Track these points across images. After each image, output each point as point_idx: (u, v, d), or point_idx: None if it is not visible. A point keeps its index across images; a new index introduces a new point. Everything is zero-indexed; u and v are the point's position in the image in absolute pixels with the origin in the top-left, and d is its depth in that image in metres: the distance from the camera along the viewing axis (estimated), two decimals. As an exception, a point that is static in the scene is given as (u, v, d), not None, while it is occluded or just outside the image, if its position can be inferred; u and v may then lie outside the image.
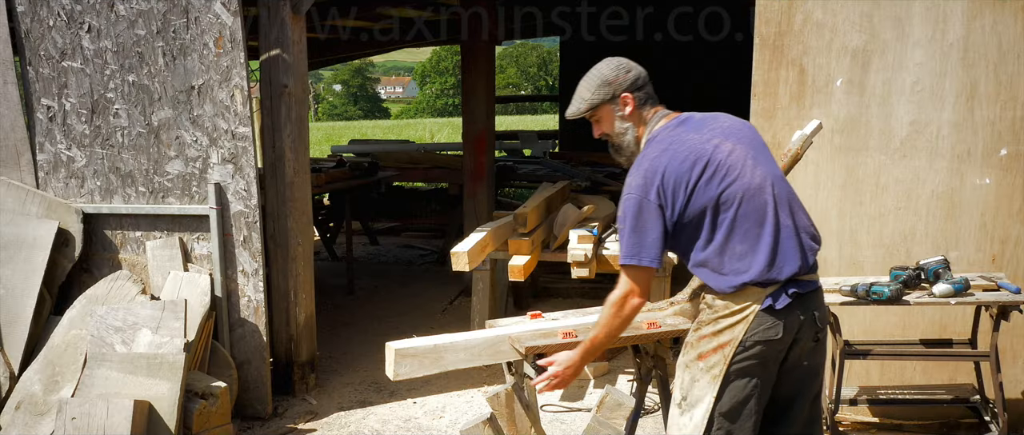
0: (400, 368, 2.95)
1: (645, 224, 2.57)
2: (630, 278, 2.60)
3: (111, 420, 3.73)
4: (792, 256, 2.57)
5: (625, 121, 2.76)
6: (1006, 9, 3.86)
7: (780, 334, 2.56)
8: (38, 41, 4.49)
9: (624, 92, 2.73)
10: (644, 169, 2.59)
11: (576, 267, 4.86)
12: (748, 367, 2.58)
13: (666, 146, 2.61)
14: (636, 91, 2.75)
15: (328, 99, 52.70)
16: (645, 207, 2.56)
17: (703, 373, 2.63)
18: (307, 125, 4.80)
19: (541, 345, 3.16)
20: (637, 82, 2.76)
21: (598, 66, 2.81)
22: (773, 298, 2.55)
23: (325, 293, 7.08)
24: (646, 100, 2.78)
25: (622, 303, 2.61)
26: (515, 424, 3.19)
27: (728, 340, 2.58)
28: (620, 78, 2.75)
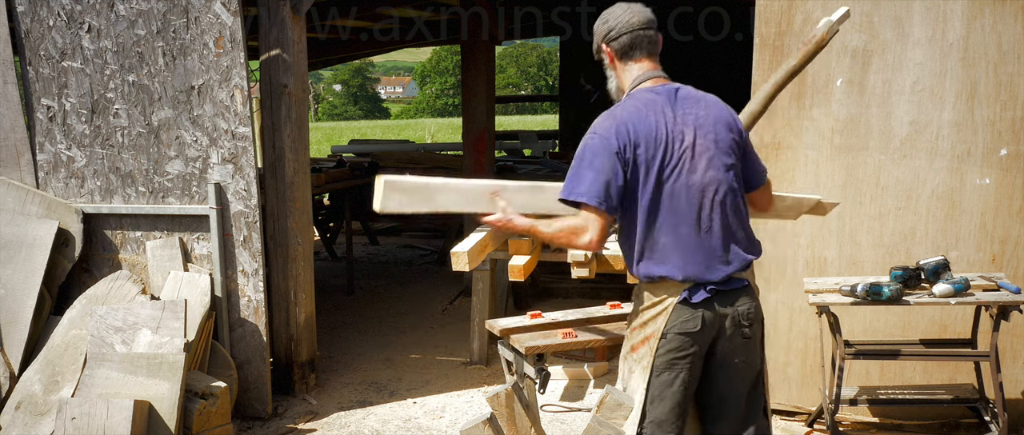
0: (388, 201, 2.70)
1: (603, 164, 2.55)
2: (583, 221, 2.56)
3: (111, 420, 3.73)
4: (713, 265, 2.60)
5: (609, 70, 2.78)
6: (1006, 9, 3.86)
7: (698, 326, 2.60)
8: (38, 41, 4.49)
9: (602, 43, 2.75)
10: (617, 119, 2.58)
11: (576, 267, 4.86)
12: (671, 359, 2.63)
13: (643, 109, 2.60)
14: (612, 42, 2.73)
15: (328, 99, 52.70)
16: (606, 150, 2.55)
17: (635, 364, 2.71)
18: (307, 125, 4.80)
19: (541, 345, 3.16)
20: (611, 33, 2.73)
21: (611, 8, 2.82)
22: (689, 292, 2.59)
23: (325, 293, 7.08)
24: (626, 52, 2.73)
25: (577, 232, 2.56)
26: (515, 424, 3.19)
27: (652, 332, 2.64)
28: (599, 29, 2.76)
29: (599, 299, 5.80)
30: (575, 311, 3.60)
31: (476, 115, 7.24)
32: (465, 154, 7.37)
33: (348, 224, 7.73)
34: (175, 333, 4.08)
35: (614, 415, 3.34)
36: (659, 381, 2.65)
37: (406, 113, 52.49)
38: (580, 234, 2.55)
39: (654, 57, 2.75)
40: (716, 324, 2.63)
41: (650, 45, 2.74)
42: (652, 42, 2.74)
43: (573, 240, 2.57)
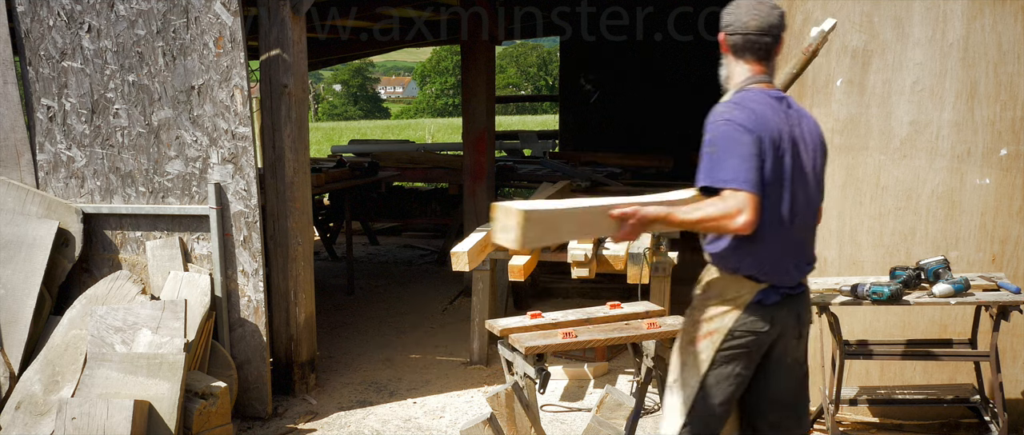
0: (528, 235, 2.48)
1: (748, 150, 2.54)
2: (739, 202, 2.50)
3: (111, 420, 3.73)
4: (792, 272, 2.71)
5: (724, 56, 2.81)
6: (1006, 9, 3.86)
7: (766, 328, 2.69)
8: (38, 41, 4.49)
9: (722, 32, 2.77)
10: (749, 110, 2.60)
11: (576, 267, 4.87)
12: (734, 355, 2.70)
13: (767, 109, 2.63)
14: (731, 35, 2.75)
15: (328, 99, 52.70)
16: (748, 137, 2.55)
17: (693, 357, 2.75)
18: (307, 125, 4.80)
19: (541, 345, 3.16)
20: (732, 27, 2.74)
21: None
22: (764, 295, 2.67)
23: (325, 293, 7.08)
24: (737, 50, 2.75)
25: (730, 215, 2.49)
26: (515, 424, 3.19)
27: (718, 328, 2.70)
28: (724, 17, 2.78)
29: (599, 299, 5.80)
30: (575, 311, 3.60)
31: (476, 115, 7.24)
32: (465, 154, 7.37)
33: (348, 224, 7.73)
34: (175, 333, 4.08)
35: (614, 415, 3.34)
36: (715, 374, 2.71)
37: (406, 113, 52.48)
38: (734, 216, 2.49)
39: (764, 61, 2.75)
40: (779, 326, 2.72)
41: (761, 50, 2.73)
42: (765, 48, 2.73)
43: (725, 223, 2.51)
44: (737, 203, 2.49)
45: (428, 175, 9.76)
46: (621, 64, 10.65)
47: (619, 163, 9.61)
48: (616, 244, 2.70)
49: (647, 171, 9.56)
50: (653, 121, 10.40)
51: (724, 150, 2.55)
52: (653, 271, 4.95)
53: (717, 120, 2.62)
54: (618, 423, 3.34)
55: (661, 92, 10.43)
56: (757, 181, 2.53)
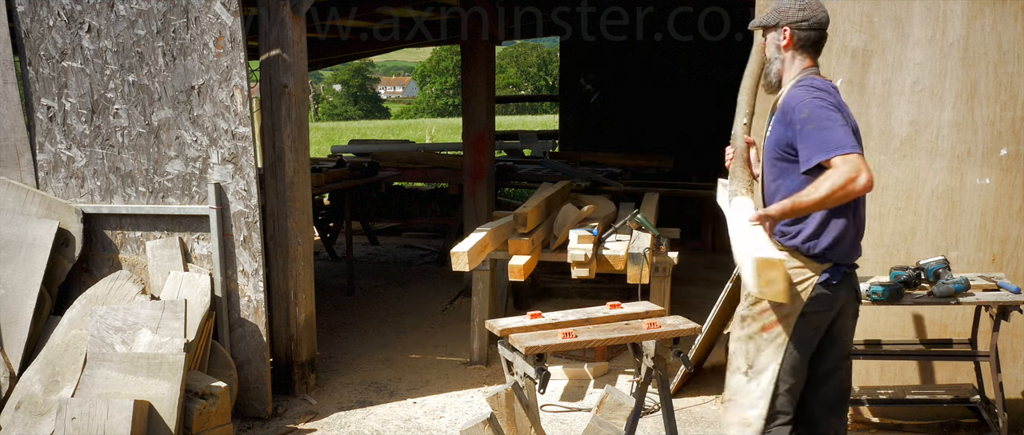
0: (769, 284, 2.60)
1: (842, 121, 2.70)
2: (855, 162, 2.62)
3: (111, 420, 3.73)
4: (857, 248, 2.92)
5: (779, 52, 2.93)
6: (1006, 9, 3.86)
7: (833, 306, 2.87)
8: (38, 41, 4.49)
9: (787, 25, 2.88)
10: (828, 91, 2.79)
11: (576, 267, 4.87)
12: (806, 335, 2.87)
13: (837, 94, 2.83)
14: (799, 29, 2.88)
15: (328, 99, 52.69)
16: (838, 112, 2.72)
17: (768, 343, 2.90)
18: (307, 125, 4.80)
19: (541, 345, 3.16)
20: (803, 24, 2.87)
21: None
22: (830, 274, 2.84)
23: (325, 293, 7.08)
24: (808, 45, 2.90)
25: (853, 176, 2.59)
26: (515, 424, 3.19)
27: (790, 312, 2.85)
28: (791, 12, 2.89)
29: (599, 299, 5.80)
30: (575, 311, 3.60)
31: (476, 115, 7.24)
32: (465, 154, 7.37)
33: (348, 224, 7.73)
34: (175, 333, 4.08)
35: (614, 415, 3.34)
36: (792, 354, 2.88)
37: (406, 113, 52.47)
38: (857, 178, 2.59)
39: (817, 55, 2.94)
40: (841, 302, 2.90)
41: (820, 44, 2.94)
42: (822, 43, 2.95)
43: (851, 187, 2.61)
44: (854, 166, 2.60)
45: (428, 175, 9.76)
46: (621, 64, 10.65)
47: (619, 163, 9.61)
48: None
49: (647, 171, 9.56)
50: (653, 121, 10.41)
51: (824, 123, 2.67)
52: (653, 271, 4.95)
53: (805, 100, 2.74)
54: (618, 423, 3.34)
55: (661, 92, 10.43)
56: (859, 144, 2.71)
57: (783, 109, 2.84)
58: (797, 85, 2.84)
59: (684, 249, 5.39)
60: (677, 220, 6.81)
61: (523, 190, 10.49)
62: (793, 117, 2.75)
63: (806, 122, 2.70)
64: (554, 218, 5.64)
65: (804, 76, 2.87)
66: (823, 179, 2.65)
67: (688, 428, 4.36)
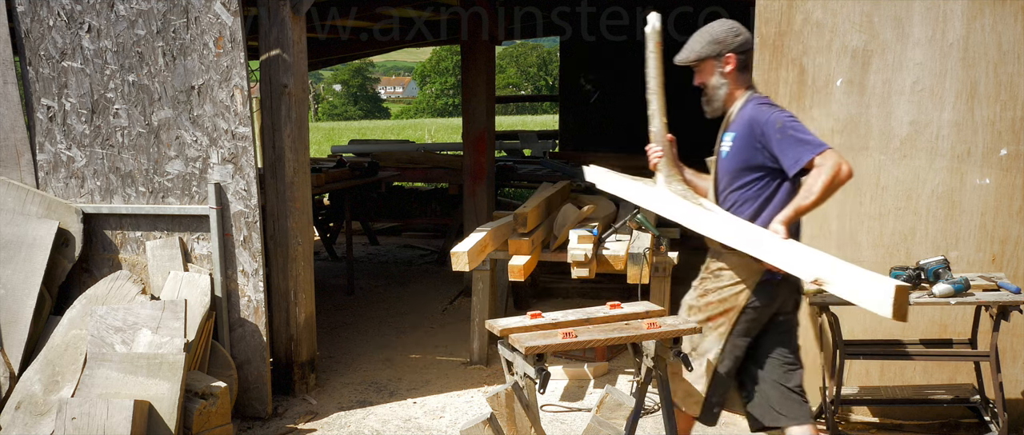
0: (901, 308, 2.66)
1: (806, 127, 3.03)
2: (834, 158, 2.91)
3: (111, 420, 3.73)
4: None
5: (723, 78, 3.19)
6: (1006, 9, 3.86)
7: (773, 302, 3.17)
8: (38, 41, 4.49)
9: (730, 53, 3.16)
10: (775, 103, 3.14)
11: (576, 267, 4.87)
12: (747, 326, 3.19)
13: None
14: (740, 54, 3.17)
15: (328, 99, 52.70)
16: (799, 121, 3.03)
17: (711, 331, 3.24)
18: (307, 125, 4.80)
19: (541, 345, 3.16)
20: (742, 46, 3.18)
21: (713, 24, 3.28)
22: (771, 273, 3.08)
23: (325, 293, 7.08)
24: (746, 67, 3.20)
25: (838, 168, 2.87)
26: (515, 424, 3.19)
27: (733, 306, 3.18)
28: (729, 40, 3.18)
29: (599, 299, 5.80)
30: (575, 311, 3.59)
31: (476, 115, 7.24)
32: (465, 154, 7.37)
33: (348, 224, 7.73)
34: (175, 333, 4.08)
35: (614, 415, 3.33)
36: (731, 345, 3.21)
37: (406, 113, 52.48)
38: (841, 169, 2.88)
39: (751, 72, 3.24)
40: (780, 300, 3.18)
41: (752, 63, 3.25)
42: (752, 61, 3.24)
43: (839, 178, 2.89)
44: (835, 159, 2.89)
45: (428, 175, 9.76)
46: (621, 64, 10.64)
47: (619, 163, 9.60)
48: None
49: (647, 171, 9.55)
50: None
51: (798, 129, 2.99)
52: (653, 271, 4.95)
53: (773, 116, 3.04)
54: (618, 423, 3.34)
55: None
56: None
57: (748, 129, 3.10)
58: (753, 104, 3.12)
59: (684, 249, 5.38)
60: (677, 220, 6.79)
61: (523, 190, 10.50)
62: (767, 134, 3.02)
63: (783, 133, 2.98)
64: (554, 218, 5.64)
65: (753, 95, 3.18)
66: (813, 179, 2.90)
67: (688, 428, 4.36)
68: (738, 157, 3.16)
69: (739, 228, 3.12)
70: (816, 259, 2.89)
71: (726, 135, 3.25)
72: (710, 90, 3.25)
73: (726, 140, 3.25)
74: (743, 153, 3.13)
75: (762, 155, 3.08)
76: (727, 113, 3.26)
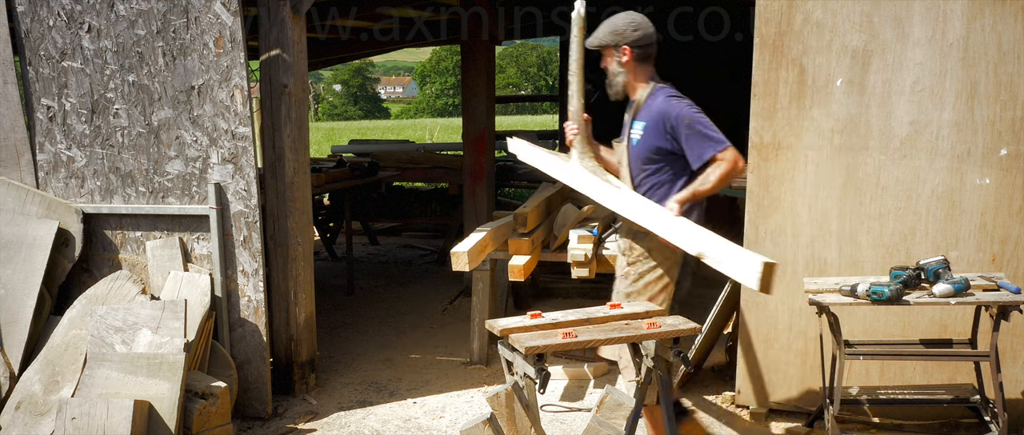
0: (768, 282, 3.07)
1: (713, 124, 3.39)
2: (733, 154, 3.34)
3: (111, 420, 3.73)
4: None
5: (621, 66, 3.53)
6: (1006, 9, 3.86)
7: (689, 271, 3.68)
8: (38, 41, 4.49)
9: (626, 45, 3.49)
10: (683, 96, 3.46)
11: (576, 267, 4.86)
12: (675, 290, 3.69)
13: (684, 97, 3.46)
14: (636, 48, 3.50)
15: (328, 99, 52.70)
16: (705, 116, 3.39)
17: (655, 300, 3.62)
18: (307, 125, 4.80)
19: (541, 345, 3.16)
20: (638, 41, 3.50)
21: (619, 14, 3.56)
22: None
23: (325, 293, 7.08)
24: (644, 58, 3.52)
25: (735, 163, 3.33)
26: (515, 424, 3.19)
27: (669, 280, 3.62)
28: (627, 33, 3.51)
29: (599, 299, 5.79)
30: (575, 311, 3.59)
31: (476, 115, 7.24)
32: (465, 154, 7.37)
33: (348, 224, 7.73)
34: (175, 333, 4.08)
35: (614, 415, 3.33)
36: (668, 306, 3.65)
37: (406, 113, 52.48)
38: (737, 166, 3.34)
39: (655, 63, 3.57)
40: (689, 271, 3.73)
41: (655, 55, 3.54)
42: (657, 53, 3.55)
43: (734, 173, 3.35)
44: (734, 156, 3.33)
45: (428, 175, 9.76)
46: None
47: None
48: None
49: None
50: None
51: (707, 127, 3.37)
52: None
53: (683, 109, 3.40)
54: (618, 423, 3.34)
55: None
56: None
57: (659, 119, 3.45)
58: (662, 95, 3.48)
59: (684, 249, 5.38)
60: (677, 220, 6.79)
61: (523, 190, 10.49)
62: (677, 126, 3.40)
63: (691, 128, 3.36)
64: (554, 218, 5.64)
65: (658, 85, 3.54)
66: (713, 170, 3.36)
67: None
68: (649, 145, 3.49)
69: (640, 205, 3.46)
70: (700, 235, 3.26)
71: (636, 123, 3.58)
72: (610, 75, 3.60)
73: (636, 128, 3.58)
74: (654, 142, 3.47)
75: (671, 145, 3.43)
76: (636, 101, 3.60)
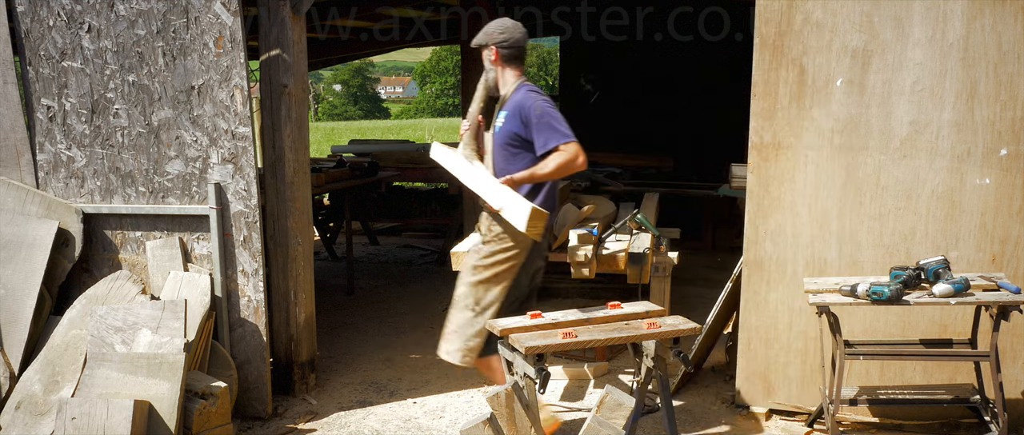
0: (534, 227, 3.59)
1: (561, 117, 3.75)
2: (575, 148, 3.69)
3: (111, 420, 3.73)
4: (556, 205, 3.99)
5: (491, 64, 3.95)
6: (1006, 9, 3.86)
7: (541, 252, 4.00)
8: (38, 41, 4.49)
9: (492, 45, 3.91)
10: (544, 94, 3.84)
11: (576, 267, 4.86)
12: (520, 276, 3.96)
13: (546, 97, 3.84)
14: (505, 49, 3.90)
15: (328, 99, 52.69)
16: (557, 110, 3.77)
17: (496, 285, 3.93)
18: (307, 125, 4.80)
19: (541, 345, 3.16)
20: (503, 43, 3.90)
21: (496, 20, 4.00)
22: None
23: (325, 293, 7.08)
24: (510, 59, 3.91)
25: (575, 157, 3.67)
26: (515, 424, 3.19)
27: (515, 264, 3.91)
28: (495, 36, 3.93)
29: (599, 299, 5.80)
30: (575, 311, 3.60)
31: (476, 115, 7.23)
32: (465, 154, 7.36)
33: (348, 224, 7.73)
34: (175, 333, 4.08)
35: (614, 415, 3.34)
36: (512, 290, 3.95)
37: (406, 113, 52.47)
38: (577, 157, 3.67)
39: (523, 65, 3.94)
40: (543, 250, 4.05)
41: (523, 57, 3.93)
42: (525, 55, 3.94)
43: (573, 164, 3.68)
44: (576, 149, 3.68)
45: (428, 175, 9.75)
46: (621, 64, 10.65)
47: (619, 163, 9.60)
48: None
49: (647, 171, 9.56)
50: (653, 121, 10.40)
51: (555, 120, 3.72)
52: (653, 271, 4.95)
53: (538, 102, 3.76)
54: (618, 423, 3.34)
55: (661, 92, 10.42)
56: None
57: (516, 109, 3.80)
58: (524, 90, 3.83)
59: (684, 249, 5.39)
60: (677, 220, 6.80)
61: (523, 190, 10.47)
62: (529, 116, 3.74)
63: (540, 118, 3.71)
64: (554, 218, 5.64)
65: (522, 83, 3.89)
66: (553, 158, 3.68)
67: (688, 428, 4.36)
68: (507, 132, 3.85)
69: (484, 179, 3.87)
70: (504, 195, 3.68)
71: (500, 113, 3.95)
72: (486, 71, 4.00)
73: (500, 117, 3.95)
74: (511, 129, 3.83)
75: (525, 132, 3.77)
76: (503, 95, 3.97)
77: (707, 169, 9.13)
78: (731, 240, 8.51)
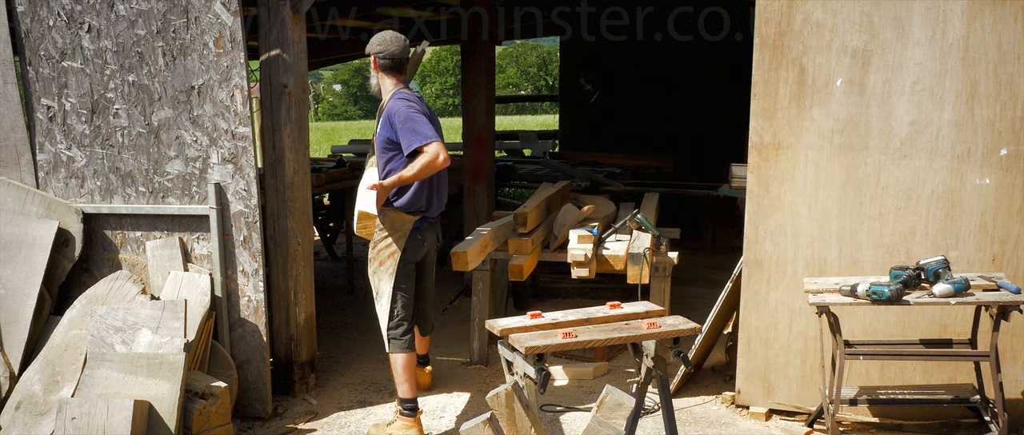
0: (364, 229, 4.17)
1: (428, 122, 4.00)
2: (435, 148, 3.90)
3: (111, 420, 3.73)
4: (434, 206, 4.28)
5: (374, 72, 4.19)
6: (1006, 9, 3.86)
7: (423, 245, 4.32)
8: (38, 41, 4.49)
9: (372, 55, 4.16)
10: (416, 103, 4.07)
11: (576, 267, 4.87)
12: (405, 266, 4.25)
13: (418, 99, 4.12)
14: (381, 59, 4.13)
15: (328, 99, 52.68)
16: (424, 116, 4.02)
17: (384, 274, 4.24)
18: (307, 125, 4.80)
19: (541, 345, 3.16)
20: (382, 54, 4.12)
21: (381, 32, 4.18)
22: (418, 223, 4.23)
23: (325, 293, 7.08)
24: (389, 69, 4.15)
25: (436, 156, 3.88)
26: (515, 424, 3.19)
27: (396, 250, 4.20)
28: (375, 47, 4.15)
29: (599, 299, 5.80)
30: (575, 311, 3.60)
31: (476, 115, 7.24)
32: (465, 154, 7.37)
33: (348, 224, 7.72)
34: (175, 333, 4.08)
35: (614, 415, 3.34)
36: (400, 276, 4.24)
37: (406, 113, 52.33)
38: (438, 156, 3.88)
39: (402, 74, 4.17)
40: (428, 242, 4.35)
41: (401, 67, 4.15)
42: (403, 65, 4.16)
43: (437, 163, 3.90)
44: (436, 149, 3.89)
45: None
46: (621, 64, 10.65)
47: (619, 163, 9.60)
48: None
49: (647, 171, 9.56)
50: (653, 121, 10.41)
51: (417, 123, 3.94)
52: (653, 271, 4.95)
53: (401, 108, 3.99)
54: (618, 423, 3.34)
55: (661, 92, 10.43)
56: (439, 135, 4.00)
57: (387, 116, 4.04)
58: (395, 98, 4.07)
59: (684, 249, 5.39)
60: (677, 220, 6.80)
61: (523, 190, 10.48)
62: (394, 120, 3.98)
63: (404, 123, 3.94)
64: (554, 218, 5.64)
65: (397, 90, 4.12)
66: (417, 161, 3.91)
67: (688, 428, 4.36)
68: (383, 136, 4.09)
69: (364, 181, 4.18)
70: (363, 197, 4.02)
71: (379, 120, 4.18)
72: (370, 78, 4.24)
73: (378, 124, 4.19)
74: (385, 133, 4.07)
75: (394, 136, 4.01)
76: (382, 103, 4.18)
77: (707, 169, 9.13)
78: (731, 240, 8.51)
